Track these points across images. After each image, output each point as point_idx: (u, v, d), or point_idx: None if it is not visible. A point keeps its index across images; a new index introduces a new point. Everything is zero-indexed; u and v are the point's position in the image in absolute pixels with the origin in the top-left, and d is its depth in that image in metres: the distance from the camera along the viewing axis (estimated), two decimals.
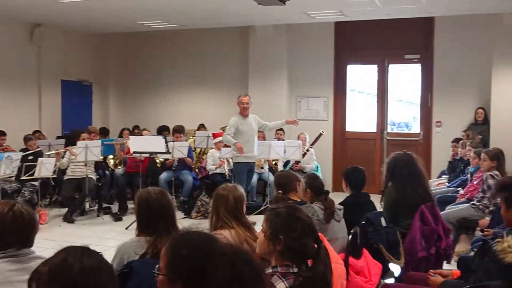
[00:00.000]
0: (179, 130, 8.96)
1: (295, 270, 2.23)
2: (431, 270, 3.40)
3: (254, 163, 7.85)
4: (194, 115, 10.94)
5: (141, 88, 11.87)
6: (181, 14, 8.94)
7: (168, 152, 7.96)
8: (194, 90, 11.40)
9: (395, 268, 4.33)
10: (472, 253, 4.11)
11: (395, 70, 10.32)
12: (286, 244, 2.25)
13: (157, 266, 1.83)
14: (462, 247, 5.53)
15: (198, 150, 9.39)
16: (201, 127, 10.12)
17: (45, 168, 7.42)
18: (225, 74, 11.06)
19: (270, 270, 2.27)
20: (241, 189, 3.28)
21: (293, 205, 2.52)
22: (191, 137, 9.66)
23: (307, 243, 2.27)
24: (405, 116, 11.15)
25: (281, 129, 9.67)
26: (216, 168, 8.50)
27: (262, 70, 10.47)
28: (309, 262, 2.28)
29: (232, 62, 11.03)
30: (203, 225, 2.47)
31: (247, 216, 3.30)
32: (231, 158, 8.70)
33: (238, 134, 7.49)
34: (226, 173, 8.50)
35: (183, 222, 7.65)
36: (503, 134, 8.77)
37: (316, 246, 2.28)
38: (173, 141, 8.48)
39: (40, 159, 7.51)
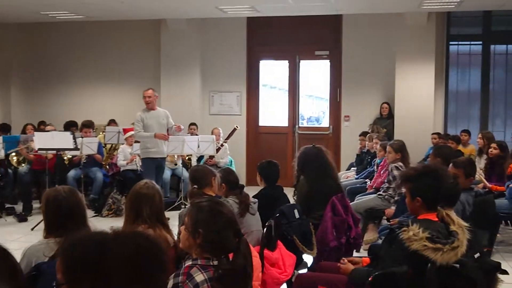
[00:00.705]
0: (88, 125, 8.63)
1: (215, 263, 2.25)
2: (343, 258, 3.51)
3: (163, 158, 7.69)
4: (104, 110, 10.59)
5: (48, 81, 11.28)
6: (88, 5, 8.58)
7: (76, 149, 7.64)
8: (104, 84, 11.02)
9: (308, 259, 4.45)
10: (380, 241, 4.31)
11: (306, 66, 10.58)
12: (206, 237, 2.28)
13: (54, 282, 1.73)
14: (370, 235, 5.78)
15: (108, 146, 9.09)
16: (112, 122, 9.80)
17: None
18: (137, 68, 10.79)
19: (190, 262, 2.26)
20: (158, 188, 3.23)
21: (217, 200, 2.54)
22: (101, 133, 9.35)
23: (227, 237, 2.30)
24: (315, 110, 11.48)
25: (194, 124, 9.62)
26: (127, 164, 8.29)
27: (174, 64, 10.33)
28: (230, 256, 2.29)
29: (144, 56, 10.78)
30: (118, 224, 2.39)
31: None
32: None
33: (144, 129, 7.35)
34: (138, 169, 8.32)
35: (93, 221, 7.40)
36: (406, 127, 9.27)
37: (237, 240, 2.30)
38: (82, 137, 8.15)
39: None
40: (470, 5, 8.43)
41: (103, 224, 6.87)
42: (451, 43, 9.95)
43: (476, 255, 3.13)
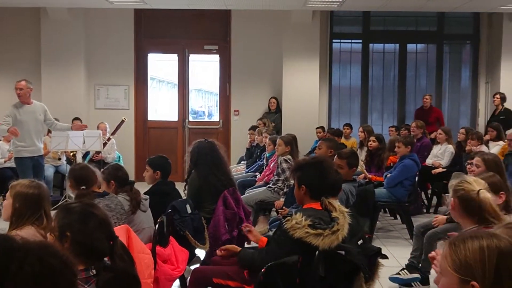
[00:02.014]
0: None
1: (94, 272, 2.12)
2: (245, 224, 3.62)
3: (40, 156, 7.07)
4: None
5: None
6: None
7: None
8: None
9: (201, 253, 4.46)
10: (271, 233, 4.42)
11: (196, 60, 10.53)
12: (74, 240, 2.13)
13: None
14: (261, 227, 5.90)
15: None
16: None
17: None
18: (14, 60, 10.04)
19: None
20: (45, 186, 3.03)
21: (90, 202, 2.39)
22: None
23: (98, 239, 2.16)
24: (205, 105, 11.49)
25: (78, 118, 9.19)
26: (5, 161, 7.74)
27: (56, 56, 9.77)
28: (107, 258, 2.20)
29: (22, 46, 10.07)
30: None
31: None
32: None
33: (17, 125, 6.70)
34: None
35: None
36: (293, 121, 9.59)
37: (111, 242, 2.20)
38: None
39: None
40: (351, 5, 8.89)
41: None
42: (334, 41, 10.44)
43: (359, 242, 3.33)
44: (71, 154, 8.43)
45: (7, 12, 9.73)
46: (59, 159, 8.43)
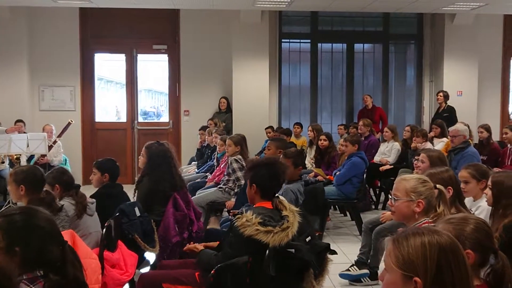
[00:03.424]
0: None
1: (42, 273, 2.05)
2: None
3: None
4: None
5: None
6: None
7: None
8: None
9: (151, 257, 4.39)
10: None
11: (144, 60, 10.38)
12: (24, 256, 2.03)
13: None
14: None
15: None
16: None
17: None
18: None
19: None
20: None
21: (30, 209, 2.25)
22: None
23: (50, 250, 2.08)
24: (154, 105, 11.33)
25: (21, 121, 8.88)
26: None
27: None
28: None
29: None
30: None
31: None
32: None
33: None
34: None
35: None
36: (244, 121, 9.59)
37: (61, 248, 2.13)
38: None
39: None
40: (299, 5, 8.97)
41: None
42: (283, 40, 10.51)
43: (308, 239, 3.37)
44: (15, 157, 8.12)
45: None
46: (2, 162, 8.11)
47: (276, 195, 3.35)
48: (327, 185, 6.44)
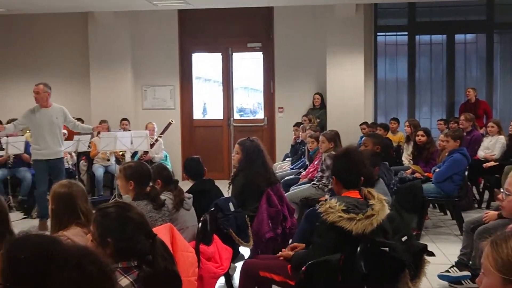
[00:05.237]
0: None
1: (136, 263, 2.16)
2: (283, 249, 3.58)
3: (58, 159, 6.81)
4: (28, 108, 10.11)
5: None
6: None
7: (1, 149, 7.29)
8: (29, 80, 10.48)
9: (245, 251, 4.48)
10: None
11: (239, 58, 10.58)
12: (116, 246, 2.16)
13: None
14: None
15: None
16: None
17: None
18: (63, 63, 10.38)
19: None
20: (80, 184, 3.08)
21: (124, 203, 2.40)
22: (27, 132, 8.96)
23: (139, 241, 2.20)
24: (250, 102, 11.52)
25: (125, 119, 9.42)
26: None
27: (104, 59, 10.02)
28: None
29: (71, 50, 10.39)
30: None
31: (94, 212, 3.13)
32: (75, 152, 8.28)
33: (33, 127, 6.77)
34: (70, 167, 8.09)
35: (25, 222, 7.11)
36: (338, 117, 9.47)
37: (151, 241, 2.23)
38: (7, 136, 7.78)
39: None
40: None
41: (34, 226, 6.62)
42: (378, 34, 10.25)
43: (404, 238, 3.26)
44: (120, 154, 8.63)
45: (55, 17, 10.05)
46: (108, 160, 8.65)
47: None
48: (425, 182, 6.20)
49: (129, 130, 8.89)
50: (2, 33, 10.48)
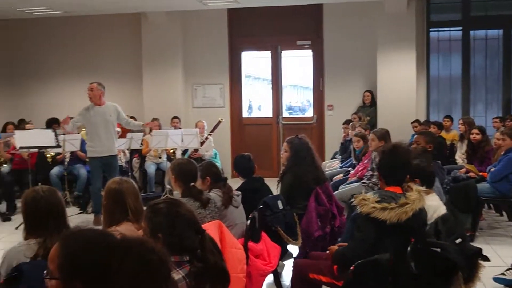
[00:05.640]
0: None
1: (188, 258, 2.20)
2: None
3: (112, 156, 6.96)
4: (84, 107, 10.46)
5: (27, 78, 11.13)
6: None
7: (58, 146, 7.56)
8: (84, 79, 10.84)
9: (293, 249, 4.47)
10: None
11: (288, 56, 10.57)
12: (166, 241, 2.20)
13: (45, 271, 1.71)
14: None
15: None
16: None
17: None
18: (117, 63, 10.69)
19: None
20: (132, 181, 3.16)
21: (174, 199, 2.46)
22: (83, 129, 9.25)
23: (189, 237, 2.24)
24: (299, 100, 11.49)
25: (176, 117, 9.59)
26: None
27: (156, 58, 10.25)
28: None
29: (124, 50, 10.69)
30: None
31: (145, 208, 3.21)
32: (128, 149, 8.49)
33: (88, 125, 6.94)
34: (123, 165, 8.30)
35: (81, 217, 7.38)
36: (389, 115, 9.32)
37: (200, 237, 2.26)
38: (64, 134, 8.07)
39: None
40: None
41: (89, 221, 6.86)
42: (431, 29, 10.00)
43: (458, 240, 3.17)
44: (171, 151, 8.80)
45: (110, 18, 10.34)
46: (160, 157, 8.82)
47: None
48: (480, 182, 6.01)
49: (180, 128, 9.05)
50: (58, 34, 10.88)
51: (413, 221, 2.96)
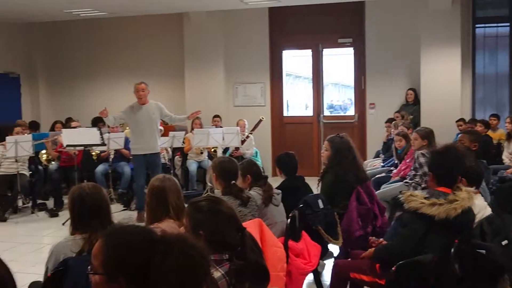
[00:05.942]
0: None
1: (227, 256, 2.21)
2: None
3: (155, 154, 7.07)
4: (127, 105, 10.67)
5: (73, 79, 11.47)
6: (111, 1, 8.67)
7: (103, 144, 7.75)
8: (128, 79, 11.09)
9: (334, 248, 4.44)
10: None
11: (330, 54, 10.49)
12: (207, 238, 2.21)
13: (89, 267, 1.75)
14: None
15: None
16: None
17: None
18: (160, 63, 10.87)
19: None
20: (174, 179, 3.21)
21: (215, 197, 2.48)
22: (127, 128, 9.45)
23: (229, 234, 2.25)
24: (340, 99, 11.39)
25: (217, 116, 9.66)
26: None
27: (198, 57, 10.37)
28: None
29: (167, 50, 10.86)
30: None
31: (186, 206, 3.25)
32: (170, 147, 8.62)
33: (132, 123, 7.05)
34: (166, 162, 8.44)
35: (124, 214, 7.54)
36: (433, 113, 9.12)
37: (240, 234, 2.27)
38: (109, 132, 8.27)
39: None
40: None
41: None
42: (477, 26, 9.73)
43: (504, 242, 3.09)
44: (212, 150, 8.88)
45: (152, 18, 10.51)
46: (201, 153, 8.91)
47: None
48: None
49: (221, 127, 9.11)
50: (103, 35, 11.15)
51: (462, 218, 2.91)
